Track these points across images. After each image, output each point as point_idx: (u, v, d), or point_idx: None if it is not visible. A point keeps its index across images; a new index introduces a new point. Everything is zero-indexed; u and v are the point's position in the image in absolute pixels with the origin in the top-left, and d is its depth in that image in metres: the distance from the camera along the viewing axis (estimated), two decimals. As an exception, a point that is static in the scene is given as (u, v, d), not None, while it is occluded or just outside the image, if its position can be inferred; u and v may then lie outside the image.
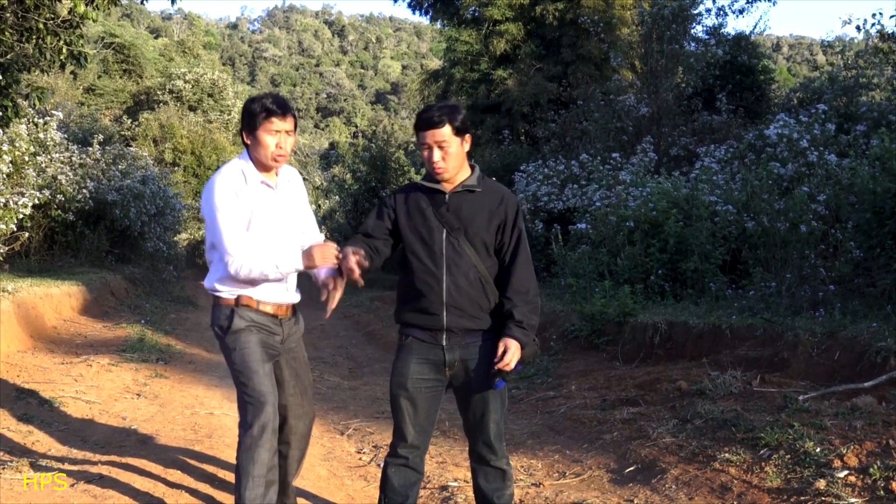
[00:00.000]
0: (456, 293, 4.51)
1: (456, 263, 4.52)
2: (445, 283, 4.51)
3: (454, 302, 4.52)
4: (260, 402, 4.74)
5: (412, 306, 4.64)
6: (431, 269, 4.54)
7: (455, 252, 4.53)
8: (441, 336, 4.57)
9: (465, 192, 4.61)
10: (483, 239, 4.55)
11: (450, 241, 4.53)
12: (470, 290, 4.53)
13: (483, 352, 4.56)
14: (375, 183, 31.54)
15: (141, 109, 44.70)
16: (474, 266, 4.53)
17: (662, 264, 12.85)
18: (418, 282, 4.58)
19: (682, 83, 19.86)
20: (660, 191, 13.72)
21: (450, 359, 4.58)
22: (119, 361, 10.95)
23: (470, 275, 4.52)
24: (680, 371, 8.99)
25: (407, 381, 4.61)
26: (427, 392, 4.63)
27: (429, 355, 4.60)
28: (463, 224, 4.55)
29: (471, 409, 4.66)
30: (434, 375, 4.62)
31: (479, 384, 4.58)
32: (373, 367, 13.29)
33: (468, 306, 4.53)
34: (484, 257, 4.57)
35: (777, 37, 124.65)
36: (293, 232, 5.06)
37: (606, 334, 11.30)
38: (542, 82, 25.81)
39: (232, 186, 4.76)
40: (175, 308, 19.42)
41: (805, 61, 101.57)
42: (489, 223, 4.56)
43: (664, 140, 19.39)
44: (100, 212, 19.78)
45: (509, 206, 4.62)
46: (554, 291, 14.67)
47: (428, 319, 4.58)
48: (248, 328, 4.83)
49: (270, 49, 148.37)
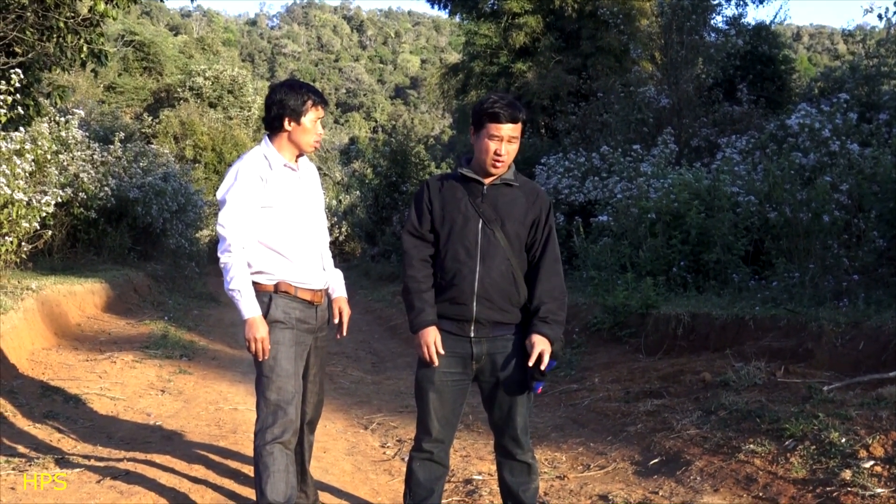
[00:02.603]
0: (488, 284, 4.49)
1: (490, 255, 4.50)
2: (479, 273, 4.49)
3: (485, 293, 4.49)
4: (285, 400, 4.78)
5: (441, 296, 4.60)
6: (464, 258, 4.51)
7: (490, 243, 4.51)
8: (469, 327, 4.53)
9: (502, 186, 4.61)
10: (518, 233, 4.54)
11: (485, 232, 4.52)
12: (502, 282, 4.50)
13: (511, 346, 4.54)
14: (396, 178, 31.53)
15: (161, 107, 44.86)
16: (507, 259, 4.51)
17: (685, 256, 12.81)
18: (449, 271, 4.56)
19: (702, 74, 19.76)
20: (681, 182, 13.68)
21: (477, 352, 4.55)
22: (143, 358, 10.99)
23: (503, 267, 4.50)
24: (703, 363, 8.96)
25: (434, 375, 4.58)
26: (453, 386, 4.61)
27: (456, 348, 4.56)
28: (500, 216, 4.54)
29: (497, 404, 4.64)
30: (460, 369, 4.59)
31: (507, 379, 4.55)
32: (395, 361, 13.30)
33: (498, 298, 4.50)
34: (517, 251, 4.55)
35: (797, 26, 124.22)
36: (318, 214, 5.15)
37: (629, 326, 11.28)
38: (562, 75, 25.71)
39: (257, 171, 4.84)
40: (198, 305, 19.47)
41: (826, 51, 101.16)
42: (525, 218, 4.56)
43: (685, 131, 19.30)
44: (122, 209, 19.83)
45: (544, 204, 4.63)
46: (576, 284, 14.63)
47: (457, 309, 4.54)
48: (285, 323, 4.85)
49: (289, 45, 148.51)
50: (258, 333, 4.69)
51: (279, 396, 4.76)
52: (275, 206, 4.85)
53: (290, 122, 4.88)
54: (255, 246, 4.83)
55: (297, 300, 4.90)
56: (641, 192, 14.51)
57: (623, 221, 14.30)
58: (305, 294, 4.94)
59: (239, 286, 4.70)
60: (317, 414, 5.33)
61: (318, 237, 5.10)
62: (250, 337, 4.69)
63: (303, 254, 4.94)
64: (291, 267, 4.88)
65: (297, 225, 4.93)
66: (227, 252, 4.72)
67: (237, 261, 4.72)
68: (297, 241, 4.92)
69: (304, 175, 5.09)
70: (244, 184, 4.79)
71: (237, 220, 4.75)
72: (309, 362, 5.07)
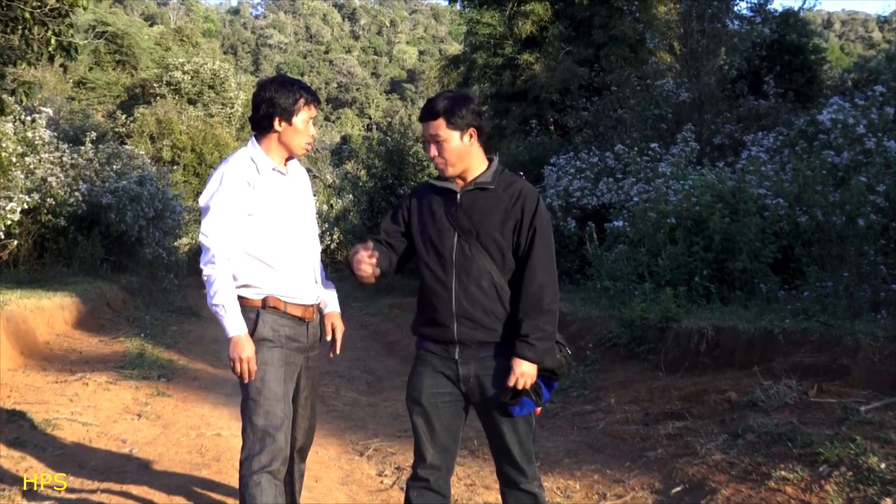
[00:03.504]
0: (466, 302, 4.48)
1: (466, 270, 4.49)
2: (454, 292, 4.50)
3: (465, 312, 4.49)
4: (274, 426, 4.75)
5: (424, 317, 4.65)
6: (441, 276, 4.53)
7: (465, 257, 4.51)
8: (454, 349, 4.55)
9: (477, 191, 4.60)
10: (497, 241, 4.51)
11: (460, 244, 4.52)
12: (482, 298, 4.49)
13: (498, 367, 4.52)
14: (392, 180, 31.48)
15: (136, 104, 44.97)
16: (488, 272, 4.49)
17: (707, 264, 12.79)
18: (428, 291, 4.59)
19: (725, 65, 19.78)
20: (703, 183, 13.66)
21: (464, 373, 4.55)
22: (117, 379, 10.98)
23: (482, 282, 4.49)
24: (729, 381, 8.95)
25: (421, 396, 4.60)
26: (445, 407, 4.61)
27: (443, 368, 4.59)
28: (474, 226, 4.52)
29: (489, 429, 4.64)
30: (450, 388, 4.60)
31: (496, 404, 4.54)
32: (393, 380, 13.29)
33: (481, 317, 4.49)
34: (499, 262, 4.53)
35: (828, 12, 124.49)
36: (309, 222, 5.14)
37: (647, 342, 11.27)
38: (573, 67, 25.72)
39: (244, 175, 4.84)
40: (177, 320, 19.47)
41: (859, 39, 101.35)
42: (503, 224, 4.52)
43: (707, 128, 19.30)
44: (94, 216, 19.84)
45: (527, 202, 4.56)
46: (589, 295, 14.62)
47: (438, 331, 4.57)
48: (273, 341, 4.83)
49: (275, 35, 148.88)
50: (244, 353, 4.67)
51: (267, 421, 4.73)
52: (263, 214, 4.83)
53: (281, 123, 4.88)
54: (241, 257, 4.81)
55: (286, 316, 4.88)
56: (660, 195, 14.50)
57: (640, 227, 14.28)
58: (296, 310, 4.92)
59: (223, 301, 4.68)
60: (308, 440, 5.29)
61: (309, 247, 5.07)
62: (235, 356, 4.67)
63: (293, 265, 4.92)
64: (281, 280, 4.87)
65: (288, 234, 4.91)
66: (211, 264, 4.70)
67: (221, 273, 4.70)
68: (287, 251, 4.90)
69: (294, 179, 5.08)
70: (229, 189, 4.77)
71: (222, 228, 4.73)
72: (299, 384, 5.03)
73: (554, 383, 4.52)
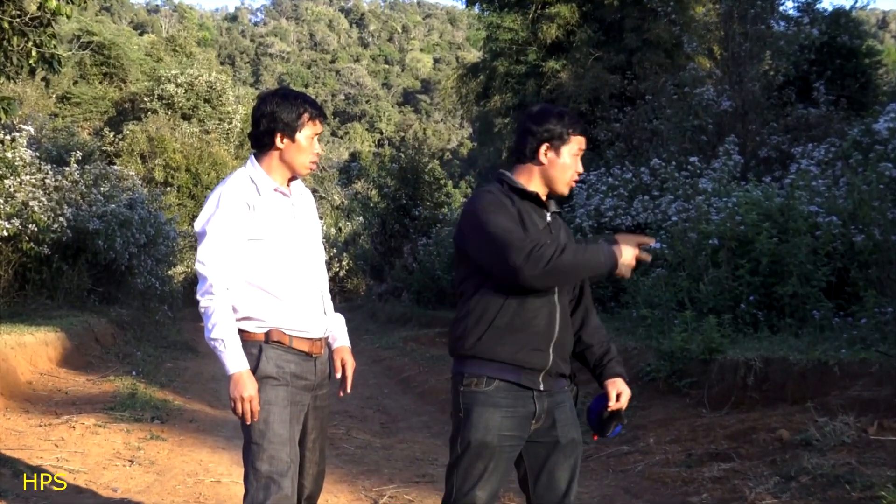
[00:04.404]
0: (564, 328, 4.43)
1: (562, 297, 4.45)
2: (559, 314, 4.41)
3: (562, 339, 4.42)
4: (279, 472, 4.68)
5: (510, 338, 4.35)
6: (543, 300, 4.37)
7: None
8: (538, 378, 4.37)
9: (556, 214, 4.59)
10: None
11: None
12: (568, 329, 4.49)
13: (569, 400, 4.52)
14: (406, 200, 31.56)
15: (125, 120, 45.11)
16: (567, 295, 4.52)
17: (754, 289, 12.77)
18: (525, 307, 4.34)
19: (770, 71, 19.79)
20: (748, 200, 13.65)
21: (539, 409, 4.39)
22: (107, 422, 10.98)
23: (567, 311, 4.50)
24: (780, 418, 8.92)
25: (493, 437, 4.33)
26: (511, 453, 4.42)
27: (517, 405, 4.36)
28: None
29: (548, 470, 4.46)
30: (518, 433, 4.39)
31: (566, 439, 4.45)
32: (409, 420, 13.28)
33: (568, 346, 4.49)
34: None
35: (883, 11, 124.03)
36: (316, 248, 5.09)
37: (689, 375, 11.24)
38: (603, 74, 25.73)
39: (243, 197, 4.78)
40: (171, 356, 19.49)
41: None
42: None
43: (751, 139, 19.30)
44: (80, 243, 19.87)
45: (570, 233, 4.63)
46: (624, 325, 14.61)
47: (532, 356, 4.35)
48: (277, 378, 4.77)
49: (277, 44, 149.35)
50: (245, 392, 4.62)
51: (272, 467, 4.68)
52: (265, 239, 4.79)
53: (283, 139, 4.83)
54: (241, 286, 4.77)
55: (292, 351, 4.83)
56: (700, 214, 14.50)
57: (679, 249, 14.28)
58: (302, 344, 4.86)
59: (222, 335, 4.63)
60: (317, 487, 5.22)
61: (316, 275, 5.04)
62: (236, 396, 4.62)
63: (299, 295, 4.88)
64: (286, 311, 4.81)
65: (292, 260, 4.86)
66: (209, 294, 4.67)
67: (220, 305, 4.67)
68: (292, 279, 4.86)
69: (299, 201, 5.03)
70: (228, 212, 4.73)
71: (220, 255, 4.70)
72: (307, 426, 4.98)
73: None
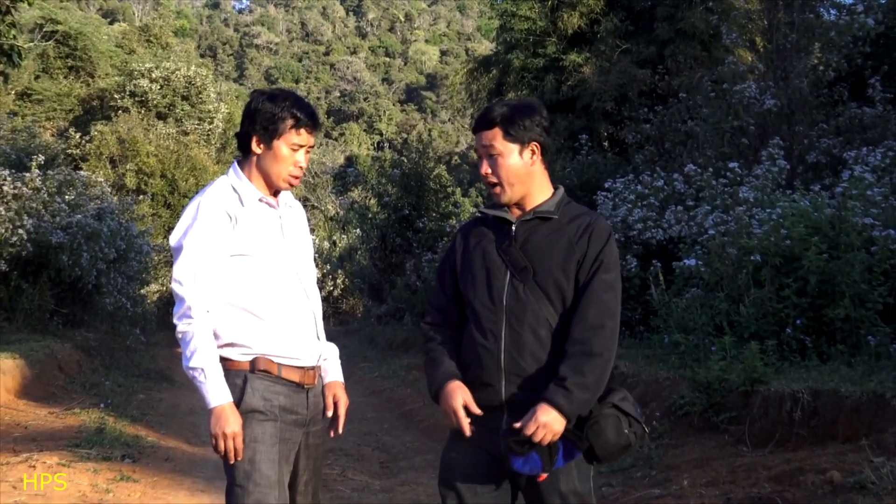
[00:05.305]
0: (518, 355, 4.41)
1: (519, 316, 4.44)
2: (504, 342, 4.42)
3: (515, 367, 4.42)
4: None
5: (465, 376, 4.54)
6: (487, 323, 4.47)
7: (519, 300, 4.45)
8: (500, 416, 4.44)
9: (536, 221, 4.56)
10: (557, 282, 4.47)
11: (513, 285, 4.46)
12: (539, 351, 4.43)
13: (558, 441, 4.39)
14: (409, 210, 31.43)
15: (93, 119, 45.12)
16: (545, 319, 4.45)
17: (801, 312, 12.75)
18: (471, 341, 4.52)
19: (820, 65, 19.77)
20: (795, 212, 13.63)
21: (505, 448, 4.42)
22: (72, 460, 10.97)
23: (539, 331, 4.43)
24: (830, 457, 8.92)
25: (456, 478, 4.53)
26: (486, 495, 4.52)
27: (483, 442, 4.48)
28: (532, 263, 4.47)
29: None
30: (493, 469, 4.49)
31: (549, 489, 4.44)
32: (412, 459, 13.28)
33: (535, 374, 4.42)
34: (559, 308, 4.48)
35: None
36: (307, 265, 5.09)
37: (728, 409, 11.23)
38: (631, 69, 25.67)
39: (224, 206, 4.79)
40: (144, 386, 19.50)
41: None
42: (566, 261, 4.48)
43: (798, 143, 19.28)
44: (41, 258, 19.89)
45: (594, 234, 4.53)
46: (655, 352, 14.59)
47: (482, 393, 4.48)
48: (265, 413, 4.76)
49: (264, 34, 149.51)
50: (229, 427, 4.61)
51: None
52: (249, 254, 4.79)
53: (259, 144, 4.84)
54: (224, 308, 4.77)
55: (281, 382, 4.82)
56: (741, 227, 14.49)
57: (717, 266, 14.26)
58: (293, 373, 4.86)
59: (202, 363, 4.62)
60: None
61: (308, 295, 5.03)
62: (218, 432, 4.61)
63: (289, 318, 4.87)
64: (273, 336, 4.81)
65: (280, 279, 4.86)
66: (187, 317, 4.65)
67: (200, 329, 4.65)
68: (280, 300, 4.85)
69: (287, 213, 5.04)
70: (208, 224, 4.73)
71: (199, 273, 4.68)
72: (298, 466, 4.98)
73: (576, 451, 4.43)
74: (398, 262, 31.71)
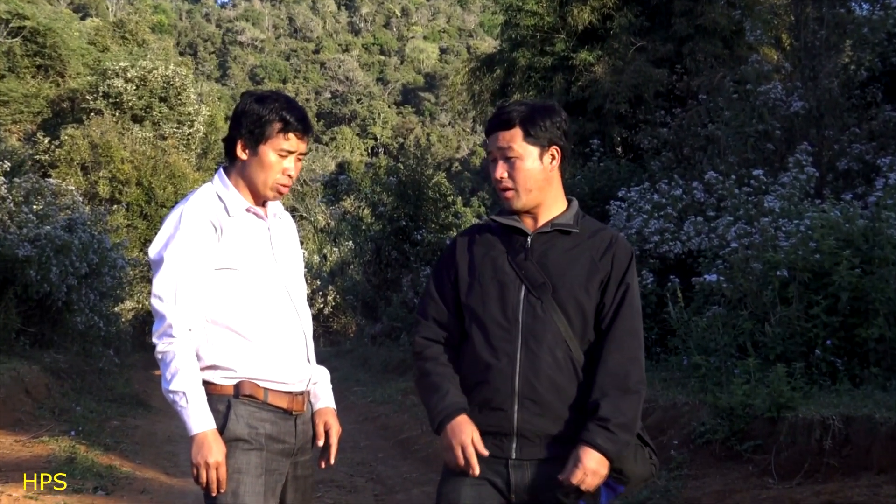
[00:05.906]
0: (534, 379, 4.36)
1: (537, 336, 4.39)
2: (520, 364, 4.37)
3: (531, 392, 4.36)
4: None
5: (469, 398, 4.48)
6: (499, 342, 4.40)
7: (536, 318, 4.40)
8: (510, 444, 4.39)
9: (555, 234, 4.53)
10: (579, 301, 4.43)
11: (529, 302, 4.41)
12: (557, 375, 4.38)
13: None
14: (406, 221, 31.36)
15: (63, 122, 45.12)
16: (564, 341, 4.40)
17: (832, 332, 12.73)
18: (480, 361, 4.44)
19: (851, 64, 19.78)
20: (824, 223, 13.63)
21: (516, 480, 4.39)
22: (40, 493, 10.97)
23: (557, 353, 4.39)
24: (864, 490, 8.91)
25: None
26: None
27: (488, 474, 4.41)
28: (551, 278, 4.43)
29: None
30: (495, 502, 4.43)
31: None
32: (409, 492, 13.26)
33: (552, 399, 4.37)
34: (579, 329, 4.44)
35: None
36: (297, 281, 5.06)
37: (753, 437, 11.21)
38: (646, 68, 25.60)
39: (209, 216, 4.75)
40: (118, 411, 19.48)
41: None
42: (589, 279, 4.45)
43: (829, 148, 19.29)
44: (7, 273, 19.88)
45: (620, 255, 4.52)
46: (672, 375, 14.59)
47: (490, 417, 4.42)
48: (249, 441, 4.71)
49: (248, 30, 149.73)
50: (211, 457, 4.56)
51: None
52: (235, 268, 4.76)
53: (245, 149, 4.81)
54: (207, 327, 4.73)
55: (267, 408, 4.78)
56: (766, 239, 14.49)
57: (741, 282, 14.25)
58: (280, 399, 4.82)
59: (183, 387, 4.58)
60: None
61: (297, 314, 4.99)
62: (200, 461, 4.57)
63: (276, 338, 4.83)
64: (260, 358, 4.77)
65: (268, 295, 4.82)
66: (167, 337, 4.61)
67: (181, 350, 4.61)
68: (268, 319, 4.81)
69: (276, 224, 5.01)
70: (190, 236, 4.69)
71: (181, 288, 4.64)
72: (285, 499, 4.94)
73: (619, 487, 4.43)
74: (394, 278, 31.67)
